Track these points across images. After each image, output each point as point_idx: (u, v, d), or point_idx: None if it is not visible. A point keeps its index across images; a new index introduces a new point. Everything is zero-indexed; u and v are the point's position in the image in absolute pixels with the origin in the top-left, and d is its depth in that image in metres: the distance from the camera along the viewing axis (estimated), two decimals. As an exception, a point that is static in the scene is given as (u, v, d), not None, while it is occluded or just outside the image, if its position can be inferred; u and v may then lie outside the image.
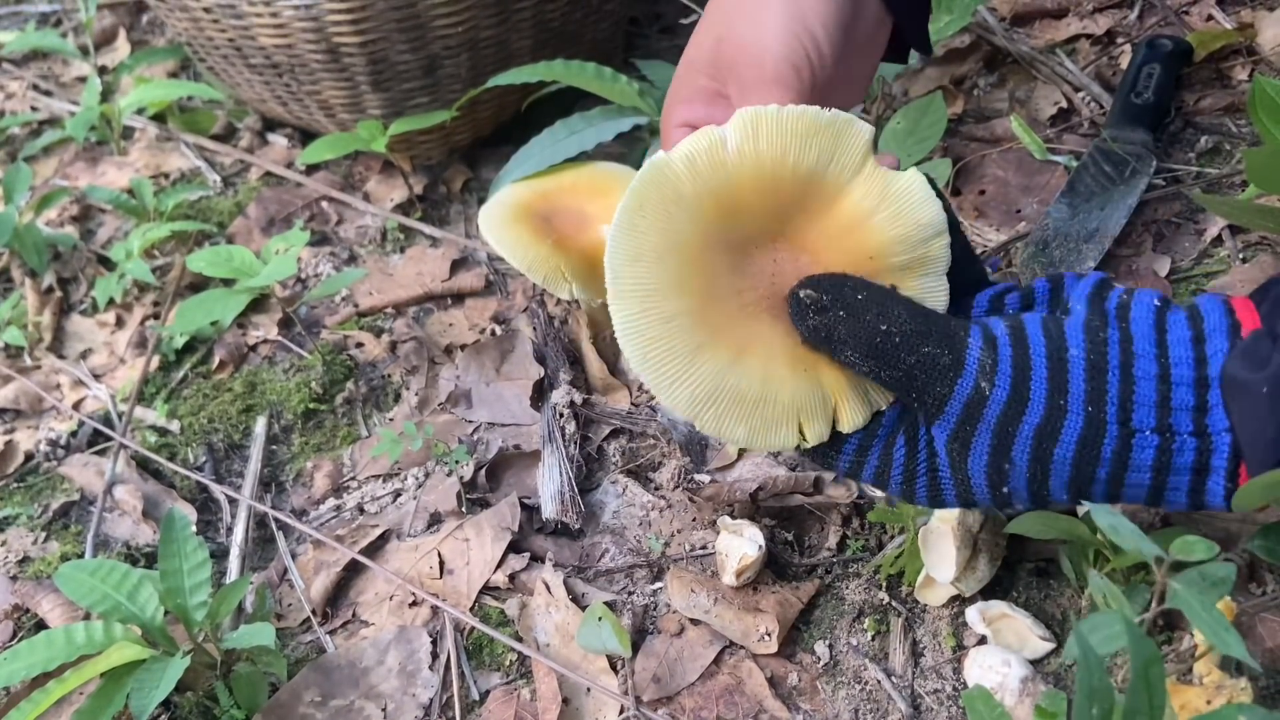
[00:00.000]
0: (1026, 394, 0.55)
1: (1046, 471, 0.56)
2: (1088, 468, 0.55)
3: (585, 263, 0.88)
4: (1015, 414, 0.55)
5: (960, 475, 0.58)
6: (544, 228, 0.90)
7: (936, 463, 0.58)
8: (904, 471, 0.59)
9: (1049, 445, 0.55)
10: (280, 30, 1.02)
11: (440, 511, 0.86)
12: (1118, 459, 0.55)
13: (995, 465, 0.56)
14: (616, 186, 0.94)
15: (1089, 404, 0.54)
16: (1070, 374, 0.55)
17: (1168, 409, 0.54)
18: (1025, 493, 0.57)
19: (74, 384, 1.02)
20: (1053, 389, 0.54)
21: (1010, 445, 0.55)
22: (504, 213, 0.91)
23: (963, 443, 0.56)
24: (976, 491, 0.58)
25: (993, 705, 0.59)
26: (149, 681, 0.67)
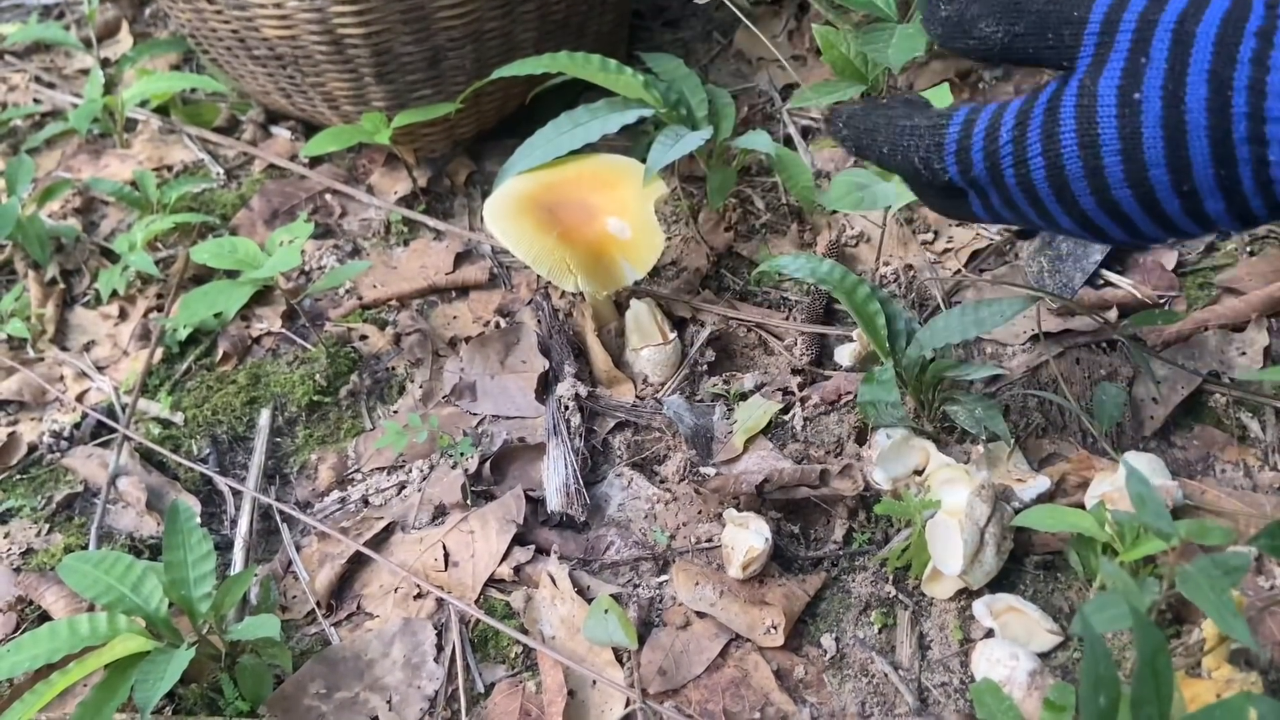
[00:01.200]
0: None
1: (1186, 56, 0.51)
2: (1230, 46, 0.50)
3: (590, 255, 0.88)
4: (1157, 2, 0.53)
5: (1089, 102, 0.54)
6: (549, 220, 0.89)
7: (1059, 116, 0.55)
8: (1042, 133, 0.56)
9: (1191, 25, 0.52)
10: (284, 22, 1.02)
11: (445, 504, 0.85)
12: (1263, 36, 0.49)
13: (1130, 66, 0.53)
14: (621, 178, 0.94)
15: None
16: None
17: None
18: (1157, 91, 0.52)
19: (77, 376, 1.02)
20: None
21: (1150, 35, 0.53)
22: (509, 205, 0.91)
23: (1099, 61, 0.54)
24: (1102, 112, 0.54)
25: (1001, 698, 0.59)
26: (153, 673, 0.67)
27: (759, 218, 1.06)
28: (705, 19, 1.34)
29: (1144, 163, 0.53)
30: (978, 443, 0.81)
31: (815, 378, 0.90)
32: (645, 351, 0.91)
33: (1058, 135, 0.56)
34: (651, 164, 0.91)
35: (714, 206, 1.04)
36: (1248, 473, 0.79)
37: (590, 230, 0.90)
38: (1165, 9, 0.53)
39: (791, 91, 1.19)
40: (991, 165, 0.59)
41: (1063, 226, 0.59)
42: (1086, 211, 0.57)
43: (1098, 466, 0.78)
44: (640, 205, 0.91)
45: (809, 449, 0.84)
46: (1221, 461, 0.80)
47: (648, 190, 0.92)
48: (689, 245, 1.04)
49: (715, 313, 0.96)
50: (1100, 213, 0.56)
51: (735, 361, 0.94)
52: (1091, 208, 0.56)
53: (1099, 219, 0.57)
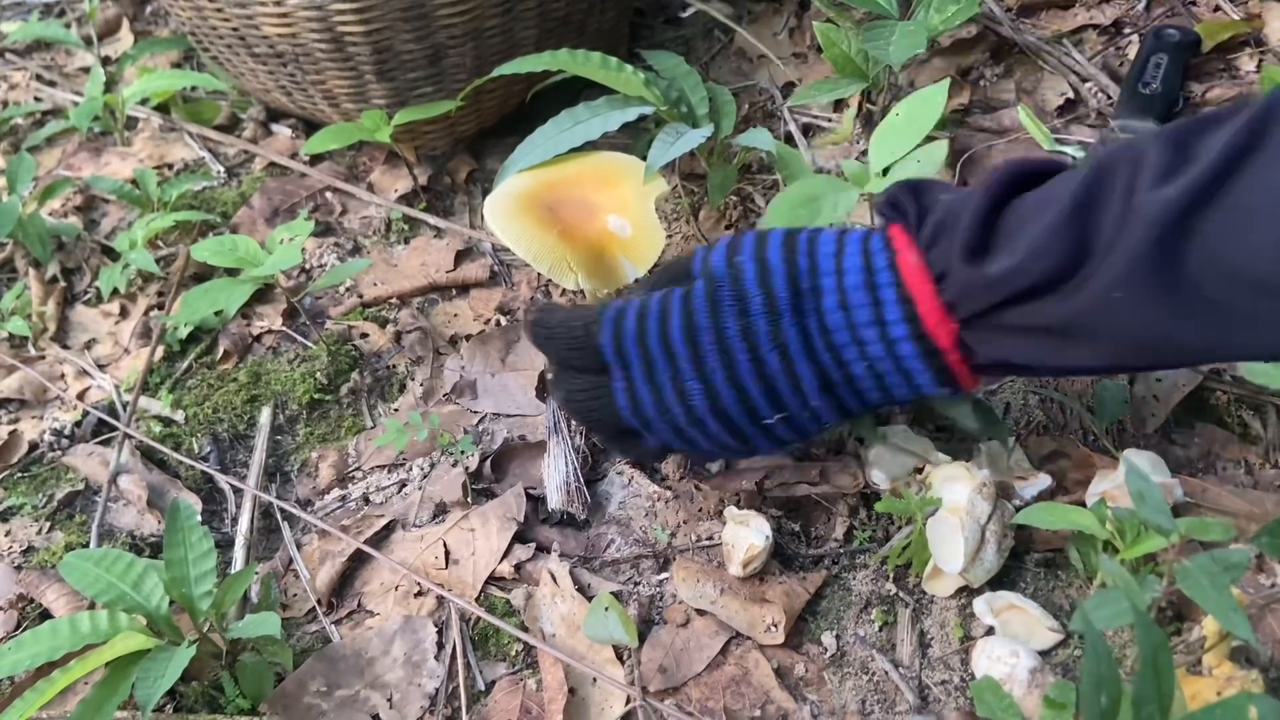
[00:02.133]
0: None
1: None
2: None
3: (591, 253, 0.88)
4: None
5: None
6: (550, 218, 0.89)
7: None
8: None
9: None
10: (284, 19, 1.02)
11: (445, 502, 0.85)
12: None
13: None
14: (622, 176, 0.94)
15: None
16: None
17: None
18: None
19: (78, 374, 1.02)
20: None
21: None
22: (509, 203, 0.91)
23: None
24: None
25: (1001, 696, 0.59)
26: (154, 671, 0.67)
27: (760, 215, 1.06)
28: (706, 16, 1.34)
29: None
30: (978, 440, 0.81)
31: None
32: (646, 349, 0.91)
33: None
34: (652, 162, 0.91)
35: (715, 204, 1.04)
36: (1249, 470, 0.79)
37: (591, 228, 0.90)
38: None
39: (792, 89, 1.19)
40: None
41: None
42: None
43: (1099, 464, 0.78)
44: (641, 203, 0.91)
45: (810, 446, 0.84)
46: (1223, 459, 0.80)
47: (648, 188, 0.92)
48: (690, 243, 1.04)
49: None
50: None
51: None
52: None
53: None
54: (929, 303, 0.63)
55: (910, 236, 0.65)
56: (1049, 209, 0.59)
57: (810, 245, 0.67)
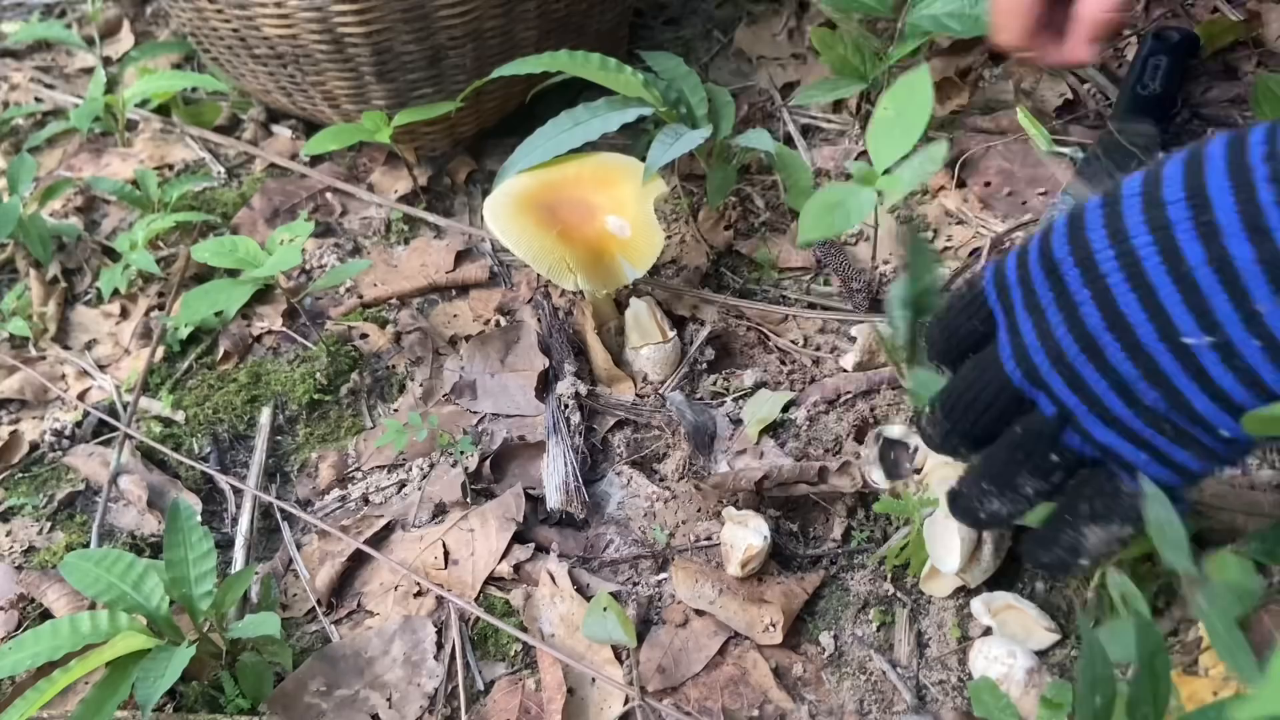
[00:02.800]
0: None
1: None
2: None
3: (590, 254, 0.88)
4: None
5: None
6: (549, 219, 0.89)
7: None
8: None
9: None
10: (284, 21, 1.02)
11: (445, 502, 0.86)
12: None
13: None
14: (621, 177, 0.94)
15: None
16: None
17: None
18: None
19: (79, 374, 1.02)
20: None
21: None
22: (509, 204, 0.91)
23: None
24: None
25: (999, 696, 0.59)
26: (154, 671, 0.67)
27: (759, 216, 1.06)
28: (705, 17, 1.34)
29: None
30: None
31: (814, 376, 0.90)
32: (645, 350, 0.91)
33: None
34: (651, 162, 0.91)
35: (714, 205, 1.04)
36: (1245, 471, 0.79)
37: (590, 229, 0.90)
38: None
39: (792, 90, 1.19)
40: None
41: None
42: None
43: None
44: (640, 204, 0.92)
45: (808, 447, 0.84)
46: (1220, 460, 0.80)
47: (647, 189, 0.92)
48: (689, 244, 1.04)
49: (717, 306, 0.96)
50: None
51: (735, 359, 0.94)
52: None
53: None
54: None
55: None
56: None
57: (1271, 132, 0.49)
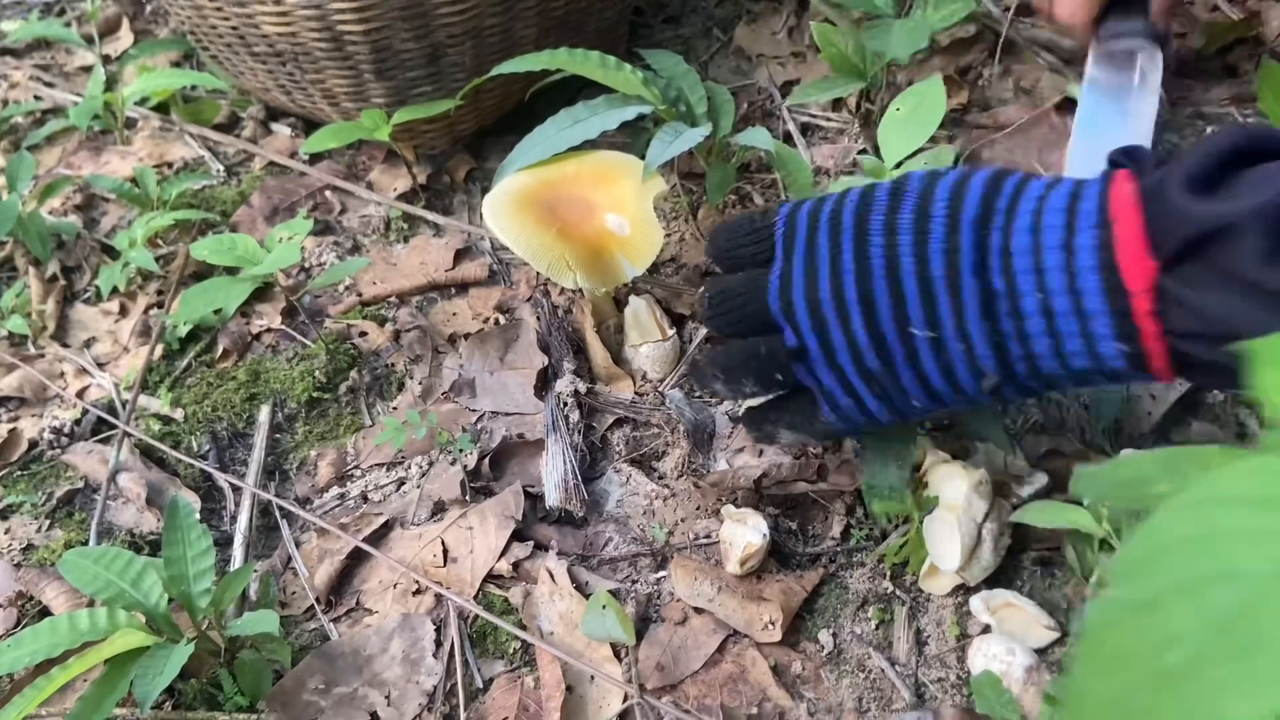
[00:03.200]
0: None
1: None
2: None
3: (589, 251, 0.88)
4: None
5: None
6: (548, 216, 0.89)
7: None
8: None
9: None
10: (284, 18, 1.02)
11: (444, 500, 0.85)
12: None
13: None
14: (621, 174, 0.94)
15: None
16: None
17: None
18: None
19: (78, 372, 1.02)
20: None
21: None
22: (508, 201, 0.91)
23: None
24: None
25: (1001, 691, 0.59)
26: (153, 668, 0.67)
27: (758, 214, 1.06)
28: (705, 16, 1.34)
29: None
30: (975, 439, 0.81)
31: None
32: (644, 348, 0.91)
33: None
34: (650, 160, 0.91)
35: (713, 203, 1.04)
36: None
37: (589, 226, 0.90)
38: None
39: (791, 88, 1.19)
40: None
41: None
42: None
43: (1095, 463, 0.78)
44: (639, 202, 0.92)
45: (807, 445, 0.84)
46: (1219, 458, 0.80)
47: (647, 186, 0.92)
48: (688, 242, 1.04)
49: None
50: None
51: (734, 358, 0.94)
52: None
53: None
54: (1130, 230, 0.54)
55: (1134, 174, 0.57)
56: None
57: (1024, 179, 0.62)
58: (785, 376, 0.69)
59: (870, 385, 0.65)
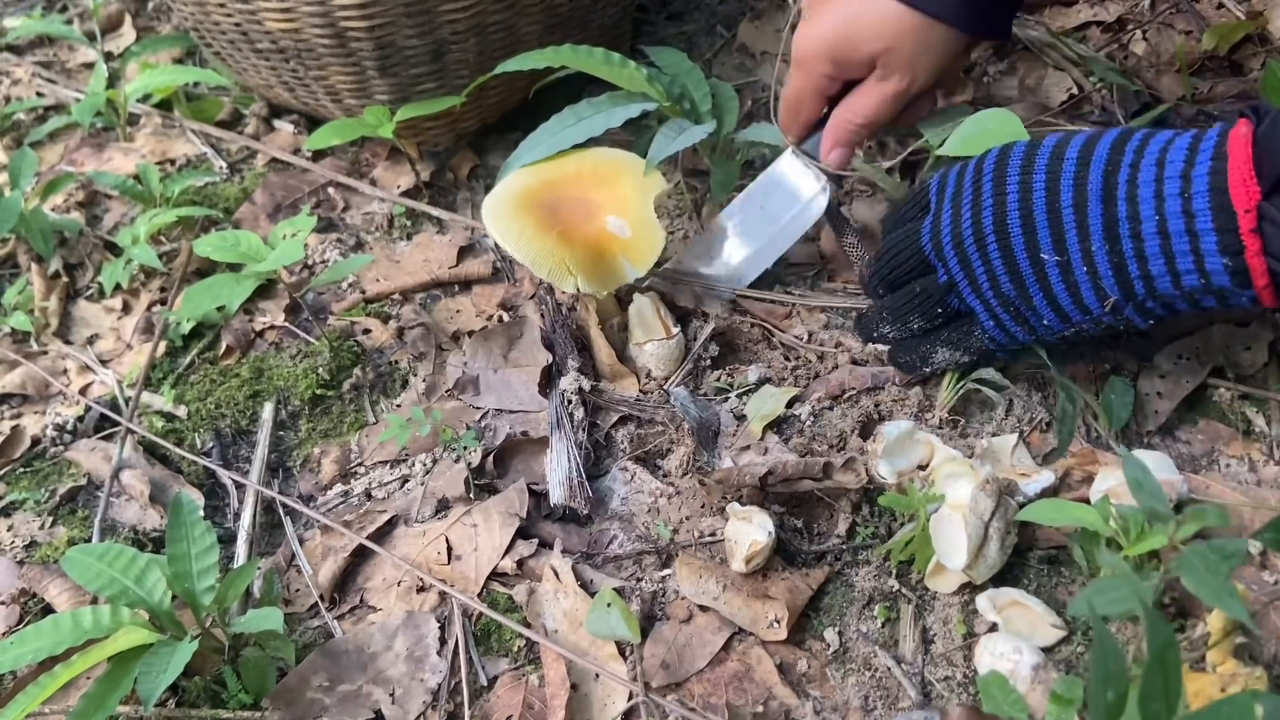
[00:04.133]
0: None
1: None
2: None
3: (591, 254, 0.87)
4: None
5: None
6: (549, 219, 0.89)
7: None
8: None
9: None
10: (287, 15, 1.02)
11: (448, 497, 0.85)
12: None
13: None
14: (622, 174, 0.94)
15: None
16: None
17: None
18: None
19: (81, 369, 1.02)
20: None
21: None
22: (508, 204, 0.90)
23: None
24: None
25: (1008, 690, 0.59)
26: (156, 665, 0.67)
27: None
28: (709, 13, 1.34)
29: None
30: (982, 437, 0.81)
31: (818, 372, 0.90)
32: (649, 346, 0.91)
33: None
34: (653, 156, 0.91)
35: (717, 200, 1.04)
36: (1252, 467, 0.79)
37: (590, 229, 0.89)
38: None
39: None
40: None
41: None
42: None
43: (1102, 461, 0.78)
44: (640, 202, 0.91)
45: (813, 443, 0.84)
46: (1226, 456, 0.80)
47: (648, 186, 0.92)
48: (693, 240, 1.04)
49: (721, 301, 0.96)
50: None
51: (739, 355, 0.93)
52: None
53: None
54: (1240, 161, 0.62)
55: (1252, 120, 0.65)
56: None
57: (1150, 132, 0.69)
58: (944, 309, 0.79)
59: (1007, 309, 0.75)
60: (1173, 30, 1.16)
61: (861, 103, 0.84)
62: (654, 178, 0.92)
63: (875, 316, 0.85)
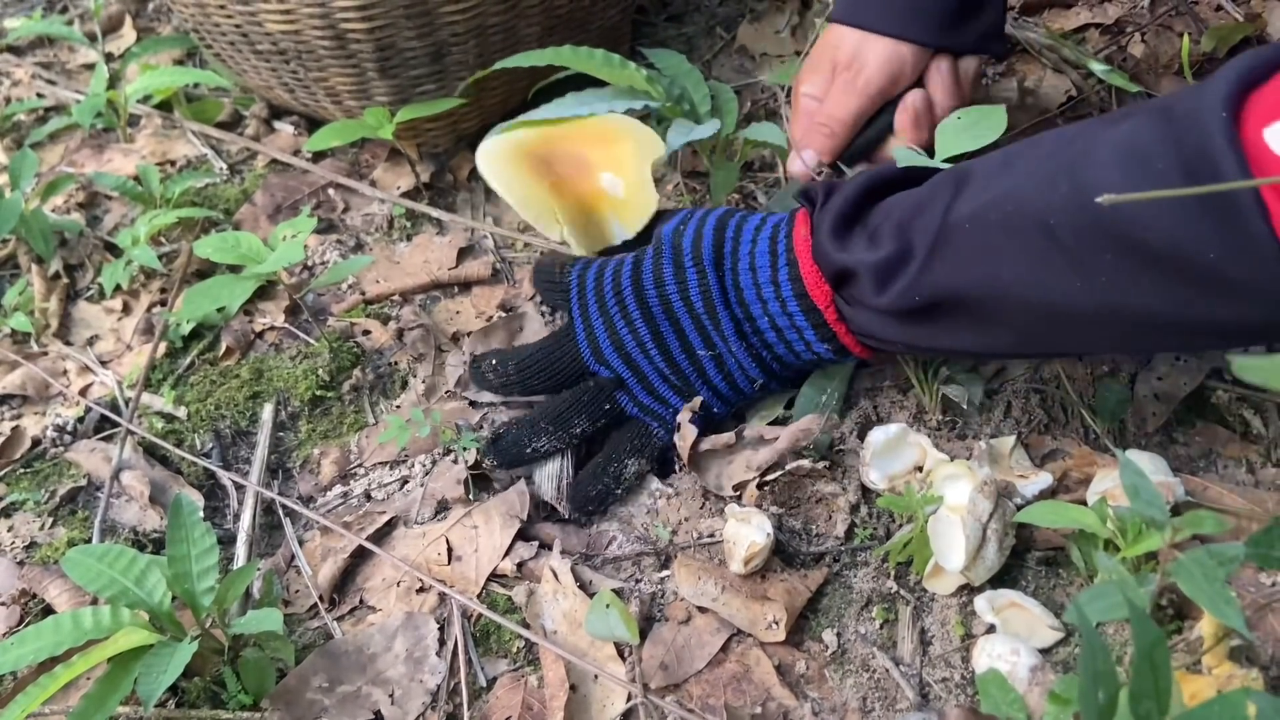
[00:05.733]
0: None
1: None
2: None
3: (581, 208, 0.87)
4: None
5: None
6: (543, 170, 0.88)
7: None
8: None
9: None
10: (287, 17, 1.02)
11: (448, 498, 0.85)
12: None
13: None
14: (622, 135, 0.93)
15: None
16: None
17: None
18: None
19: (81, 370, 1.02)
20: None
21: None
22: (504, 149, 0.90)
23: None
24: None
25: (1007, 690, 0.59)
26: (156, 666, 0.67)
27: (762, 213, 1.05)
28: (708, 14, 1.34)
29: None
30: (979, 439, 0.81)
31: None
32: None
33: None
34: (671, 143, 0.91)
35: (717, 202, 1.04)
36: (1250, 469, 0.79)
37: (584, 183, 0.89)
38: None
39: (795, 87, 1.19)
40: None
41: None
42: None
43: (1100, 463, 0.78)
44: (638, 164, 0.90)
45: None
46: (1224, 458, 0.80)
47: (647, 150, 0.91)
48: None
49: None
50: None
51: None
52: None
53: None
54: (808, 266, 0.75)
55: (809, 216, 0.77)
56: (893, 213, 0.71)
57: (740, 221, 0.81)
58: (611, 405, 0.83)
59: (681, 396, 0.83)
60: (1171, 32, 1.16)
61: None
62: (654, 142, 0.91)
63: (526, 432, 0.84)
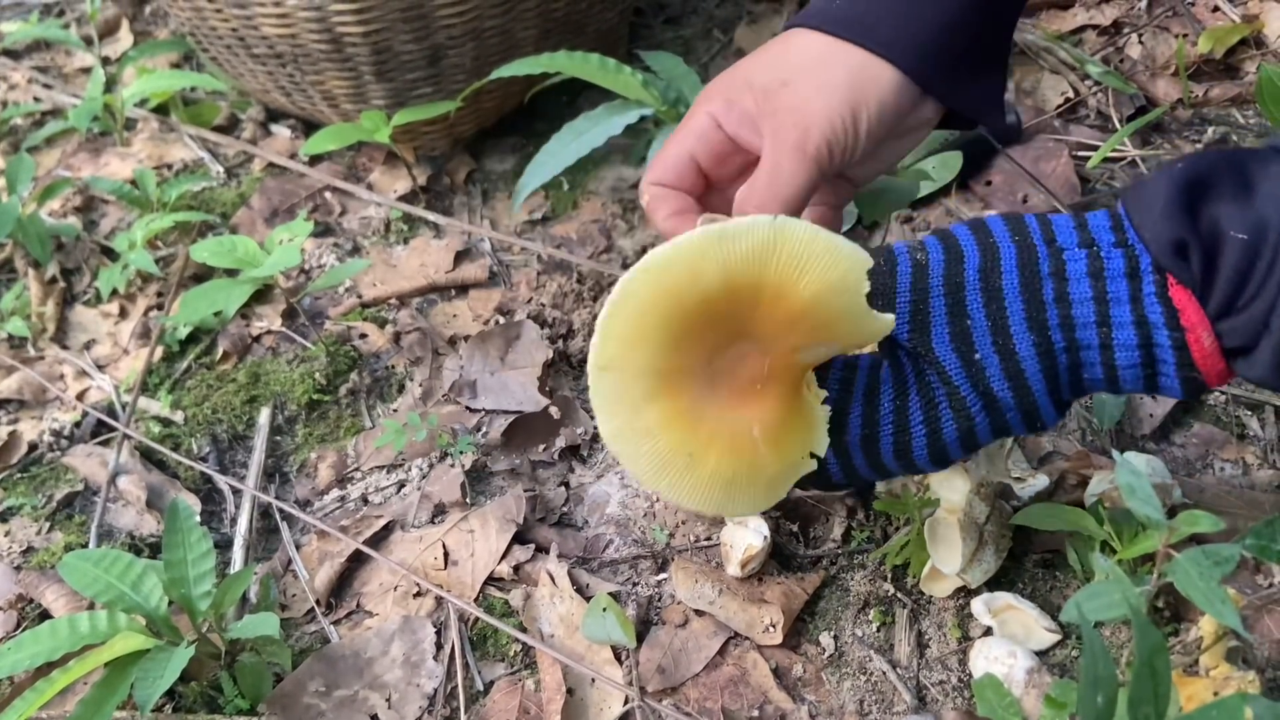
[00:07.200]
0: (957, 246, 0.61)
1: (1003, 310, 0.59)
2: (1035, 291, 0.58)
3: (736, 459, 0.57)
4: (956, 264, 0.60)
5: (936, 371, 0.60)
6: (704, 398, 0.56)
7: (908, 387, 0.61)
8: (893, 413, 0.62)
9: (995, 279, 0.59)
10: (283, 20, 1.02)
11: (444, 502, 0.85)
12: (1057, 275, 0.58)
13: (957, 329, 0.59)
14: (840, 319, 0.55)
15: (1014, 234, 0.60)
16: (991, 227, 0.61)
17: (1085, 229, 0.59)
18: (991, 349, 0.59)
19: (78, 374, 1.02)
20: (978, 236, 0.61)
21: (963, 296, 0.59)
22: (632, 367, 0.56)
23: (922, 325, 0.60)
24: (956, 378, 0.60)
25: (1003, 693, 0.59)
26: (153, 671, 0.67)
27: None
28: (706, 17, 1.34)
29: (1001, 412, 0.60)
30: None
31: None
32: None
33: (906, 409, 0.62)
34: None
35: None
36: (1246, 471, 0.79)
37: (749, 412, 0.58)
38: (966, 268, 0.60)
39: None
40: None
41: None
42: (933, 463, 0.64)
43: (1096, 465, 0.78)
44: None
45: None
46: (1220, 459, 0.80)
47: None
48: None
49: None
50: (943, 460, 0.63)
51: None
52: (946, 458, 0.63)
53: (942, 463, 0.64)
54: (1200, 343, 0.56)
55: (1199, 306, 0.56)
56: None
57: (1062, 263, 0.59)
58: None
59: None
60: (1168, 34, 1.16)
61: None
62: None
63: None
